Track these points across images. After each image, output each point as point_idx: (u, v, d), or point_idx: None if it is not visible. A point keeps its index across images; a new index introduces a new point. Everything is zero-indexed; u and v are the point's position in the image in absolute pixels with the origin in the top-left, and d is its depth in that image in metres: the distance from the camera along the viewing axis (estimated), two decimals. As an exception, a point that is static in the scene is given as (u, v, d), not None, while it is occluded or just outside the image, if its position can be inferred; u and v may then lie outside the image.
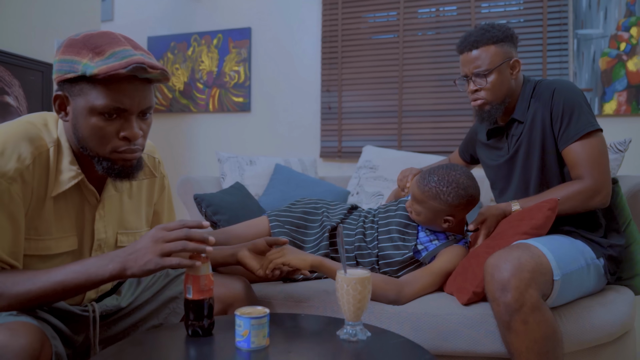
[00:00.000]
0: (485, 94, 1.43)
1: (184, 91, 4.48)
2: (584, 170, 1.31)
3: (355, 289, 0.98)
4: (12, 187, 0.93)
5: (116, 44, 0.97)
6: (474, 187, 1.41)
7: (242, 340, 0.92)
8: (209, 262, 1.00)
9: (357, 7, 3.92)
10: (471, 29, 1.51)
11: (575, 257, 1.24)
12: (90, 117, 0.96)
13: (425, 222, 1.48)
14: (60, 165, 1.01)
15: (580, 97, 1.39)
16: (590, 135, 1.33)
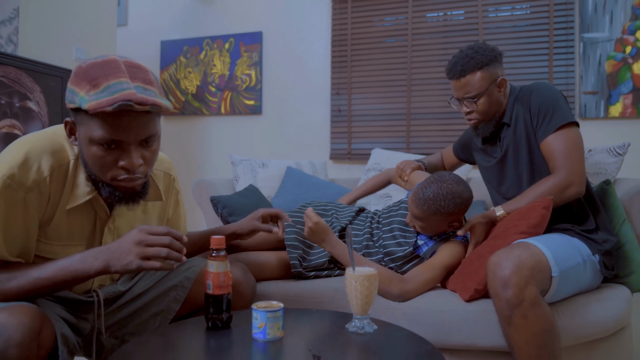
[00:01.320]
0: (477, 115, 1.54)
1: (197, 94, 4.58)
2: (558, 163, 1.38)
3: (363, 285, 1.06)
4: (28, 197, 0.99)
5: (113, 75, 0.95)
6: (467, 190, 1.48)
7: (258, 332, 1.00)
8: (227, 260, 1.09)
9: (367, 11, 3.99)
10: (457, 55, 1.56)
11: (572, 255, 1.31)
12: (90, 146, 0.99)
13: (431, 232, 1.55)
14: (77, 180, 1.06)
15: (556, 95, 1.47)
16: (564, 128, 1.41)
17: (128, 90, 0.94)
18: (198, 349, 1.00)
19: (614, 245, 1.43)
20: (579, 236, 1.40)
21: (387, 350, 0.98)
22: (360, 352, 0.99)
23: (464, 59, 1.52)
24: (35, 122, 2.65)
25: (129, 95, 0.92)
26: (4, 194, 0.97)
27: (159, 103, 0.96)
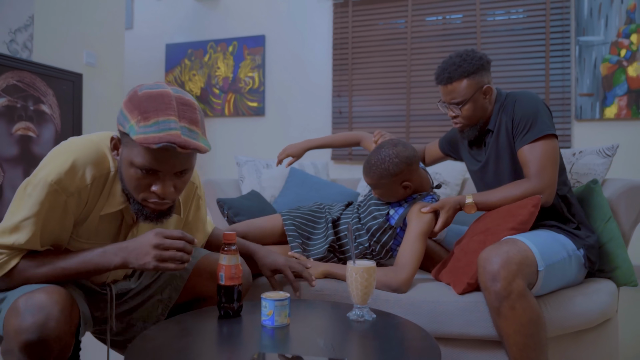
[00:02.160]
0: (462, 119, 1.60)
1: (201, 96, 4.67)
2: (531, 171, 1.45)
3: (363, 276, 1.15)
4: (68, 200, 1.08)
5: (163, 111, 1.01)
6: (405, 149, 1.58)
7: (267, 319, 1.09)
8: (238, 253, 1.18)
9: (367, 15, 4.07)
10: (446, 61, 1.61)
11: (557, 250, 1.38)
12: (129, 168, 1.06)
13: (392, 197, 1.65)
14: (114, 189, 1.14)
15: (538, 106, 1.51)
16: (541, 140, 1.46)
17: (174, 131, 1.00)
18: (212, 335, 1.09)
19: (596, 240, 1.51)
20: (564, 232, 1.48)
21: (385, 336, 1.07)
22: (360, 337, 1.08)
23: (452, 66, 1.57)
24: (48, 124, 2.75)
25: (174, 137, 0.99)
26: (48, 197, 1.07)
27: (200, 147, 1.03)
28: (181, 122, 1.02)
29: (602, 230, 1.62)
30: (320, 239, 1.73)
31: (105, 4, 3.18)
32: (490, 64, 1.61)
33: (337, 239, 1.72)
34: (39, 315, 0.98)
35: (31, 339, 0.96)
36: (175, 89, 1.09)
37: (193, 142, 1.02)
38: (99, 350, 1.80)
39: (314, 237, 1.74)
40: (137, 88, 1.07)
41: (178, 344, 1.01)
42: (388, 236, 1.65)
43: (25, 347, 0.96)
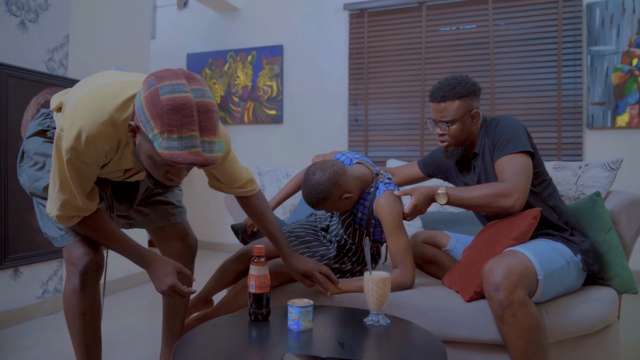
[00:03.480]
0: (449, 138, 1.69)
1: (221, 104, 4.83)
2: (505, 176, 1.55)
3: (378, 286, 1.28)
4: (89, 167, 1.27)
5: (187, 127, 1.07)
6: (322, 173, 1.64)
7: (293, 324, 1.22)
8: (266, 265, 1.31)
9: (382, 25, 4.19)
10: (442, 82, 1.72)
11: (555, 258, 1.49)
12: (148, 159, 1.15)
13: (343, 209, 1.74)
14: (126, 153, 1.29)
15: (517, 127, 1.61)
16: (517, 154, 1.57)
17: (196, 149, 1.08)
18: (244, 337, 1.22)
19: (591, 244, 1.63)
20: (561, 239, 1.59)
21: (398, 339, 1.20)
22: (376, 340, 1.21)
23: (447, 87, 1.68)
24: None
25: (196, 156, 1.08)
26: (69, 165, 1.25)
27: (216, 161, 1.12)
28: (202, 136, 1.10)
29: (603, 240, 1.71)
30: (324, 245, 1.86)
31: (132, 19, 3.35)
32: (480, 91, 1.72)
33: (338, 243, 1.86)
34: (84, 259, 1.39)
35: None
36: (196, 90, 1.12)
37: (211, 158, 1.12)
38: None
39: (317, 244, 1.86)
40: (158, 86, 1.10)
41: (216, 346, 1.15)
42: (361, 237, 1.78)
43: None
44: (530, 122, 3.75)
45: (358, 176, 1.75)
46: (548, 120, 3.71)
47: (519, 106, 3.78)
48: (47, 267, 2.69)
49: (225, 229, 4.80)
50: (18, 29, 2.51)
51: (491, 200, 1.53)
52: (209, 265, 4.16)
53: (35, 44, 2.61)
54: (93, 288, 1.45)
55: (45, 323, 2.55)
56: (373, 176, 1.79)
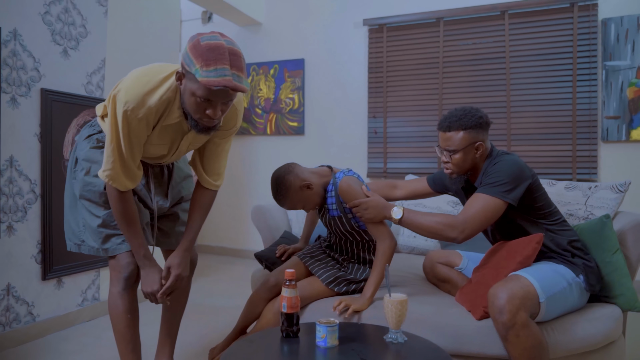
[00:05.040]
0: (452, 166, 1.79)
1: (244, 116, 5.01)
2: (466, 211, 1.65)
3: (397, 307, 1.42)
4: (140, 124, 1.52)
5: (220, 60, 1.37)
6: (279, 169, 1.88)
7: (320, 341, 1.37)
8: (297, 288, 1.47)
9: (401, 40, 4.31)
10: (451, 111, 1.82)
11: (557, 281, 1.61)
12: (191, 96, 1.43)
13: (310, 203, 1.91)
14: (172, 109, 1.55)
15: (509, 174, 1.66)
16: (490, 197, 1.65)
17: (228, 77, 1.37)
18: (278, 353, 1.38)
19: (594, 264, 1.74)
20: (564, 261, 1.71)
21: (414, 356, 1.34)
22: (394, 357, 1.35)
23: (453, 117, 1.78)
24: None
25: (228, 82, 1.36)
26: (123, 121, 1.50)
27: (244, 89, 1.41)
28: (232, 69, 1.38)
29: (609, 261, 1.82)
30: (334, 259, 2.04)
31: (162, 37, 3.52)
32: (489, 125, 1.80)
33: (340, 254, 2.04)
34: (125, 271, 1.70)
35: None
36: (227, 40, 1.43)
37: (240, 85, 1.40)
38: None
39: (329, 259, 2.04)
40: (199, 37, 1.42)
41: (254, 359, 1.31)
42: (346, 222, 1.93)
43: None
44: (546, 135, 3.84)
45: (314, 170, 1.98)
46: (563, 134, 3.79)
47: (534, 120, 3.87)
48: (86, 277, 2.89)
49: (248, 236, 4.97)
50: (61, 57, 2.71)
51: (440, 228, 1.66)
52: (232, 271, 4.34)
53: (76, 69, 2.81)
54: (133, 291, 1.73)
55: (86, 329, 2.75)
56: (331, 171, 1.99)
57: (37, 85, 2.57)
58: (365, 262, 2.01)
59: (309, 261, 2.01)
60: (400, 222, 1.74)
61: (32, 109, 2.55)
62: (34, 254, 2.57)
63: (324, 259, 2.03)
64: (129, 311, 1.71)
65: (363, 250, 2.00)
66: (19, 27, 2.46)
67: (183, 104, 1.51)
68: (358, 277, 1.96)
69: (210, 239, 5.14)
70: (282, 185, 1.87)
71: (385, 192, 2.20)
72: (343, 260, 2.02)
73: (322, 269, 1.96)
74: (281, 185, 1.87)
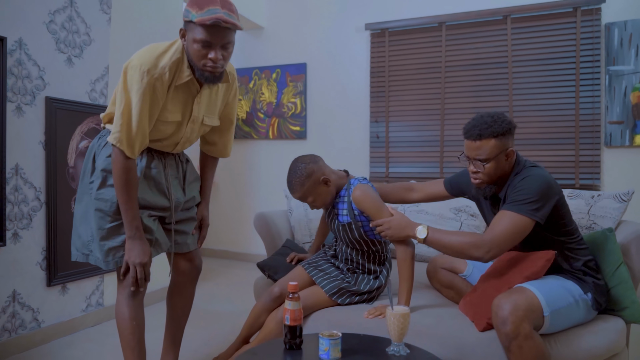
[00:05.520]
0: (483, 176, 1.72)
1: (247, 120, 5.02)
2: (492, 233, 1.60)
3: (399, 320, 1.42)
4: (156, 83, 1.61)
5: (212, 2, 1.54)
6: (303, 157, 1.90)
7: (324, 353, 1.38)
8: (300, 301, 1.47)
9: (403, 44, 4.31)
10: (477, 119, 1.72)
11: (563, 296, 1.60)
12: (193, 44, 1.59)
13: (324, 198, 1.92)
14: (181, 68, 1.68)
15: (538, 191, 1.61)
16: (517, 215, 1.58)
17: (220, 13, 1.53)
18: (279, 365, 1.39)
19: (603, 284, 1.73)
20: (573, 277, 1.70)
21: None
22: (397, 369, 1.36)
23: (483, 125, 1.69)
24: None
25: (221, 16, 1.52)
26: (140, 81, 1.59)
27: (237, 24, 1.56)
28: (223, 9, 1.55)
29: (613, 274, 1.82)
30: (339, 268, 2.05)
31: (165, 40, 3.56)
32: (515, 129, 1.74)
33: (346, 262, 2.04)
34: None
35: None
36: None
37: (232, 20, 1.55)
38: None
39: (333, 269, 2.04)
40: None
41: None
42: (355, 229, 1.92)
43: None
44: (549, 140, 3.84)
45: (333, 170, 1.99)
46: (566, 139, 3.79)
47: (537, 125, 3.87)
48: (90, 282, 2.91)
49: (250, 240, 4.98)
50: (65, 65, 2.73)
51: (465, 248, 1.63)
52: (235, 276, 4.36)
53: (80, 76, 2.82)
54: (140, 299, 1.78)
55: (90, 334, 2.77)
56: (347, 176, 2.00)
57: (42, 94, 2.59)
58: (370, 272, 2.01)
59: (313, 271, 2.01)
60: (425, 241, 1.72)
61: (37, 117, 2.57)
62: (39, 260, 2.59)
63: (328, 269, 2.03)
64: (134, 318, 1.74)
65: (368, 261, 2.00)
66: (24, 36, 2.47)
67: (190, 59, 1.65)
68: (362, 289, 1.96)
69: (213, 243, 5.15)
70: (303, 172, 1.87)
71: (401, 195, 2.17)
72: (348, 270, 2.02)
73: (326, 280, 1.97)
74: (302, 172, 1.87)
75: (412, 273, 1.82)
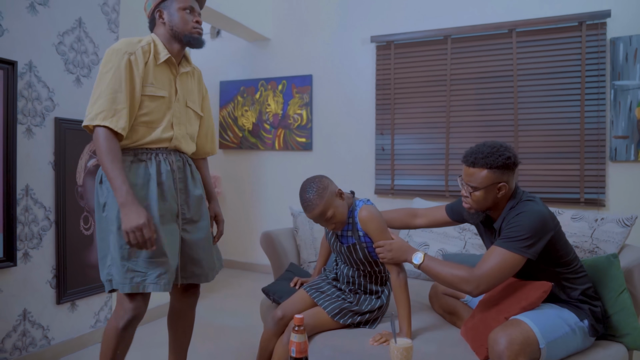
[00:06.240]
0: (471, 202, 1.76)
1: (253, 131, 5.06)
2: (482, 269, 1.63)
3: (402, 354, 1.45)
4: (131, 58, 1.76)
5: None
6: (318, 176, 1.91)
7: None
8: (305, 334, 1.50)
9: (408, 57, 4.33)
10: (479, 145, 1.75)
11: (559, 326, 1.61)
12: (178, 12, 1.83)
13: (340, 216, 1.89)
14: (158, 48, 1.85)
15: (531, 228, 1.61)
16: (509, 252, 1.61)
17: None
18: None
19: (600, 310, 1.74)
20: (569, 305, 1.71)
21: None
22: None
23: (480, 154, 1.71)
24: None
25: None
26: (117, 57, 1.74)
27: None
28: None
29: (616, 301, 1.83)
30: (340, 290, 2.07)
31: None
32: (517, 165, 1.73)
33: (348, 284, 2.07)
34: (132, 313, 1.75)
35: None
36: None
37: None
38: None
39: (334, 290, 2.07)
40: None
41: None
42: (360, 250, 1.95)
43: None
44: (554, 154, 3.84)
45: (340, 190, 1.97)
46: (571, 153, 3.79)
47: (542, 139, 3.87)
48: (98, 299, 2.95)
49: (256, 250, 5.02)
50: (74, 85, 2.77)
51: (456, 281, 1.66)
52: (241, 287, 4.39)
53: (88, 96, 2.86)
54: (132, 332, 1.79)
55: (98, 351, 2.80)
56: (352, 194, 2.03)
57: (51, 115, 2.63)
58: (371, 293, 2.04)
59: (315, 293, 2.04)
60: (420, 267, 1.76)
61: (47, 138, 2.61)
62: (49, 279, 2.63)
63: (329, 290, 2.06)
64: (119, 348, 1.77)
65: (370, 281, 2.03)
66: (34, 58, 2.52)
67: (175, 31, 1.84)
68: (363, 309, 1.99)
69: (220, 252, 5.19)
70: (320, 186, 1.87)
71: (406, 220, 2.18)
72: (350, 291, 2.05)
73: (328, 301, 2.00)
74: (319, 185, 1.87)
75: (409, 299, 1.85)
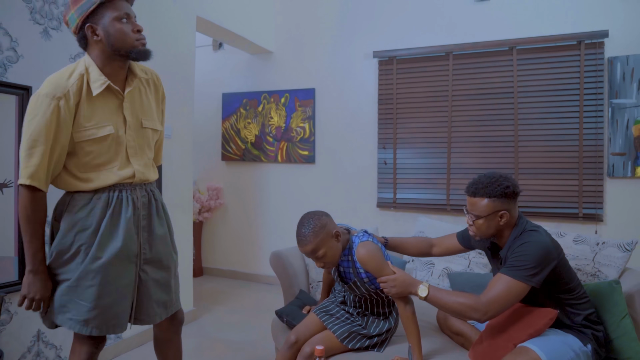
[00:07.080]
0: (474, 229, 1.85)
1: (255, 143, 5.10)
2: (487, 296, 1.68)
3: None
4: (60, 104, 1.54)
5: None
6: (316, 212, 1.92)
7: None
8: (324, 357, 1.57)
9: (410, 72, 4.40)
10: (481, 176, 1.83)
11: (564, 352, 1.69)
12: (113, 24, 1.58)
13: (334, 253, 1.90)
14: (93, 76, 1.61)
15: (536, 257, 1.68)
16: (514, 280, 1.67)
17: None
18: None
19: (602, 334, 1.81)
20: (572, 330, 1.79)
21: None
22: None
23: (480, 184, 1.82)
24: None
25: None
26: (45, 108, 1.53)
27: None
28: None
29: (618, 325, 1.91)
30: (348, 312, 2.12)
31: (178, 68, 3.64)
32: (517, 194, 1.82)
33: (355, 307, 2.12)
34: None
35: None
36: None
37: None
38: None
39: (342, 312, 2.12)
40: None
41: None
42: (361, 286, 2.00)
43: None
44: (553, 170, 3.92)
45: (337, 227, 1.99)
46: (570, 169, 3.88)
47: (542, 154, 3.96)
48: (109, 316, 2.99)
49: (259, 260, 5.07)
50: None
51: (463, 309, 1.71)
52: (245, 298, 4.43)
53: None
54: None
55: (110, 368, 2.85)
56: (348, 230, 2.05)
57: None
58: (379, 315, 2.10)
59: (324, 316, 2.11)
60: (426, 299, 1.80)
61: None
62: (62, 298, 2.68)
63: (337, 313, 2.12)
64: None
65: (377, 306, 2.09)
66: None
67: (116, 47, 1.61)
68: (371, 332, 2.05)
69: (222, 263, 5.24)
70: (317, 223, 1.89)
71: (424, 250, 2.28)
72: (358, 314, 2.11)
73: (337, 325, 2.06)
74: (316, 223, 1.89)
75: (418, 329, 1.88)
